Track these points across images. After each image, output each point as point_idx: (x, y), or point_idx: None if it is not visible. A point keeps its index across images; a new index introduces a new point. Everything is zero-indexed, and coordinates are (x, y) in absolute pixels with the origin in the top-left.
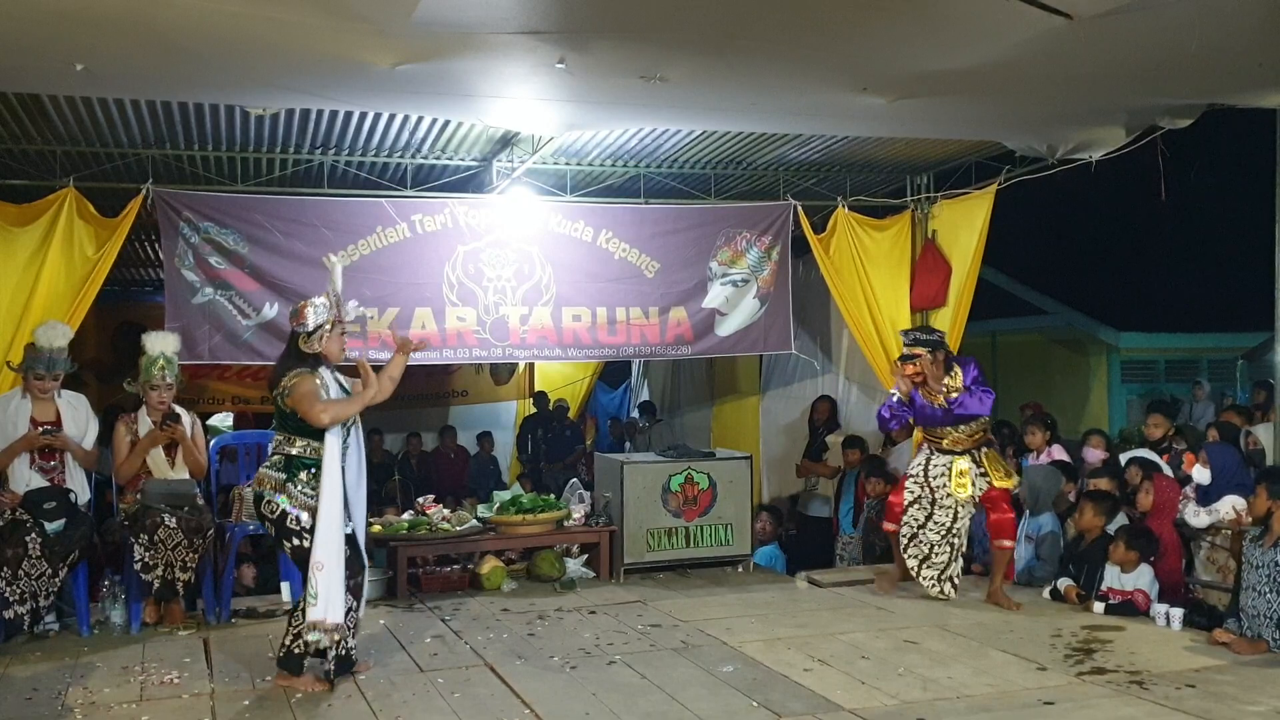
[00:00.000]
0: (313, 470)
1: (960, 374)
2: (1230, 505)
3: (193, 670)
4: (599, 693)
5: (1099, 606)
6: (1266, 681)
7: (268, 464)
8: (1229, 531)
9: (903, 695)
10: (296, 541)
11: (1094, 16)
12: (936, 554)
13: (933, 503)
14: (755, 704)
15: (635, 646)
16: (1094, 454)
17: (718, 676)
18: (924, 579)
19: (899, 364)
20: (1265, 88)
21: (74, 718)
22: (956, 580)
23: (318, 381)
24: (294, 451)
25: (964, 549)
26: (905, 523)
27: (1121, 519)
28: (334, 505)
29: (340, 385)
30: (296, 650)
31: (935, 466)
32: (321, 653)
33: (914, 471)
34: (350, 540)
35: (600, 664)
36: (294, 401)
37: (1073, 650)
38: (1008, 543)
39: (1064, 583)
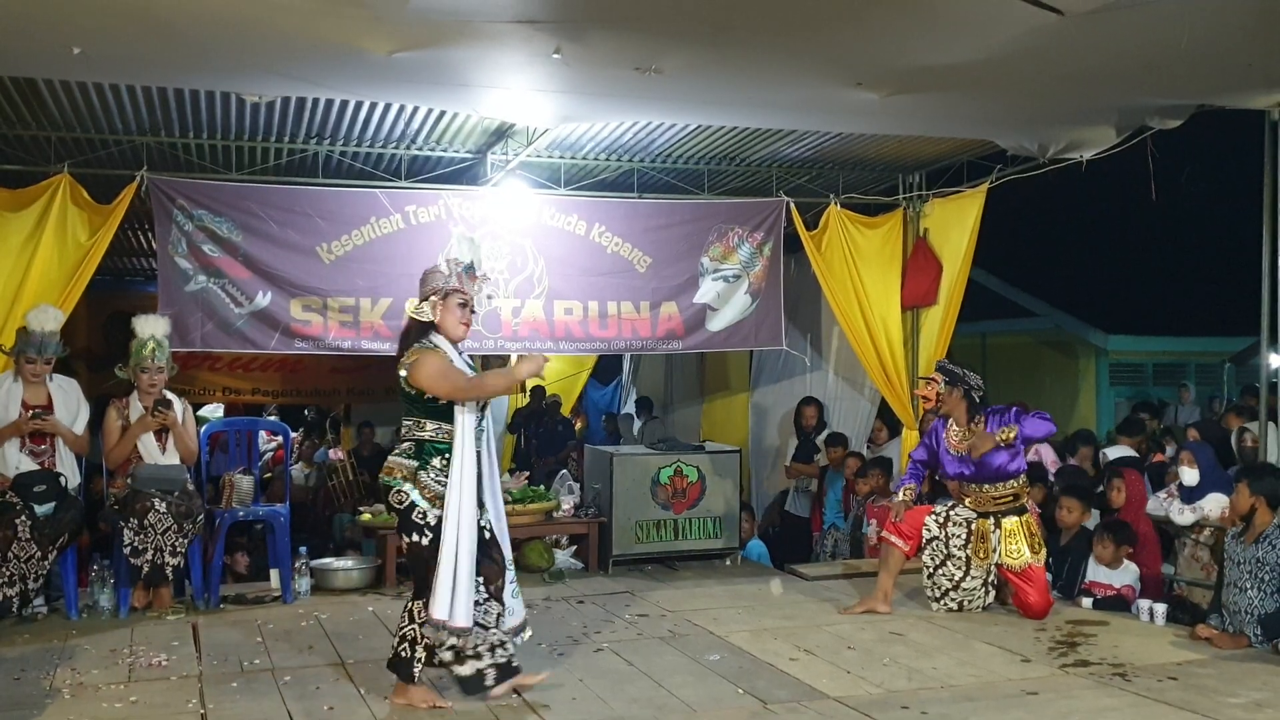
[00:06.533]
0: (446, 456)
1: (983, 426)
2: (1216, 503)
3: (181, 653)
4: (586, 678)
5: (1086, 601)
6: (1247, 675)
7: (397, 451)
8: (1212, 530)
9: (888, 685)
10: (416, 538)
11: (1084, 13)
12: (965, 590)
13: (946, 556)
14: (741, 691)
15: (623, 635)
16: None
17: (704, 665)
18: (934, 591)
19: (921, 382)
20: (1254, 89)
21: (62, 698)
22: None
23: (444, 354)
24: (425, 435)
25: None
26: (924, 563)
27: (1096, 516)
28: (467, 494)
29: (468, 365)
30: (404, 654)
31: (955, 520)
32: (452, 662)
33: (938, 510)
34: (489, 541)
35: (587, 651)
36: (420, 379)
37: (1056, 643)
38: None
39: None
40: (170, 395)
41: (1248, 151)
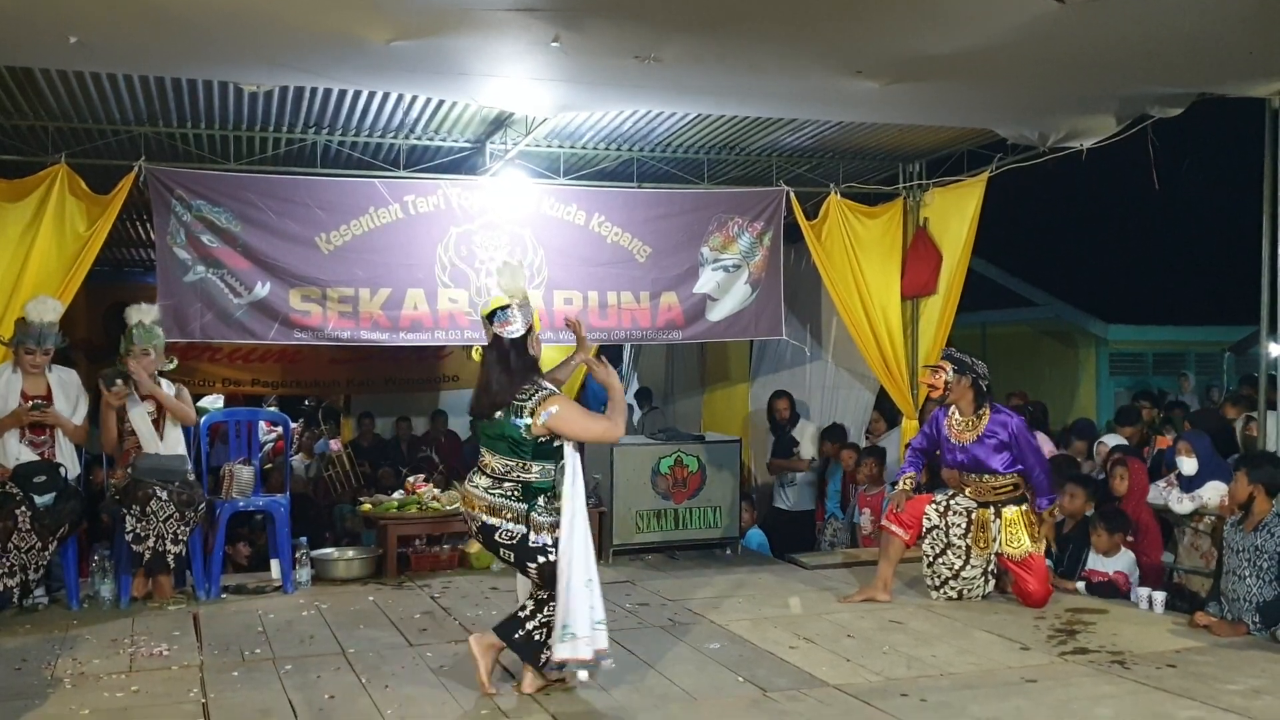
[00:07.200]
0: (549, 494)
1: (988, 417)
2: (1215, 491)
3: (182, 643)
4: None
5: (1080, 586)
6: (1245, 662)
7: (498, 492)
8: (1211, 518)
9: (887, 672)
10: (542, 560)
11: (1085, 1)
12: (965, 579)
13: (946, 545)
14: (741, 679)
15: (623, 624)
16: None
17: (705, 653)
18: (934, 579)
19: (926, 370)
20: (1255, 77)
21: (63, 687)
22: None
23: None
24: (533, 478)
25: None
26: (924, 552)
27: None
28: (585, 527)
29: None
30: (538, 637)
31: (955, 509)
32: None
33: (939, 499)
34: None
35: None
36: (563, 428)
37: (1056, 631)
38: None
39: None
40: (164, 381)
41: (1248, 140)
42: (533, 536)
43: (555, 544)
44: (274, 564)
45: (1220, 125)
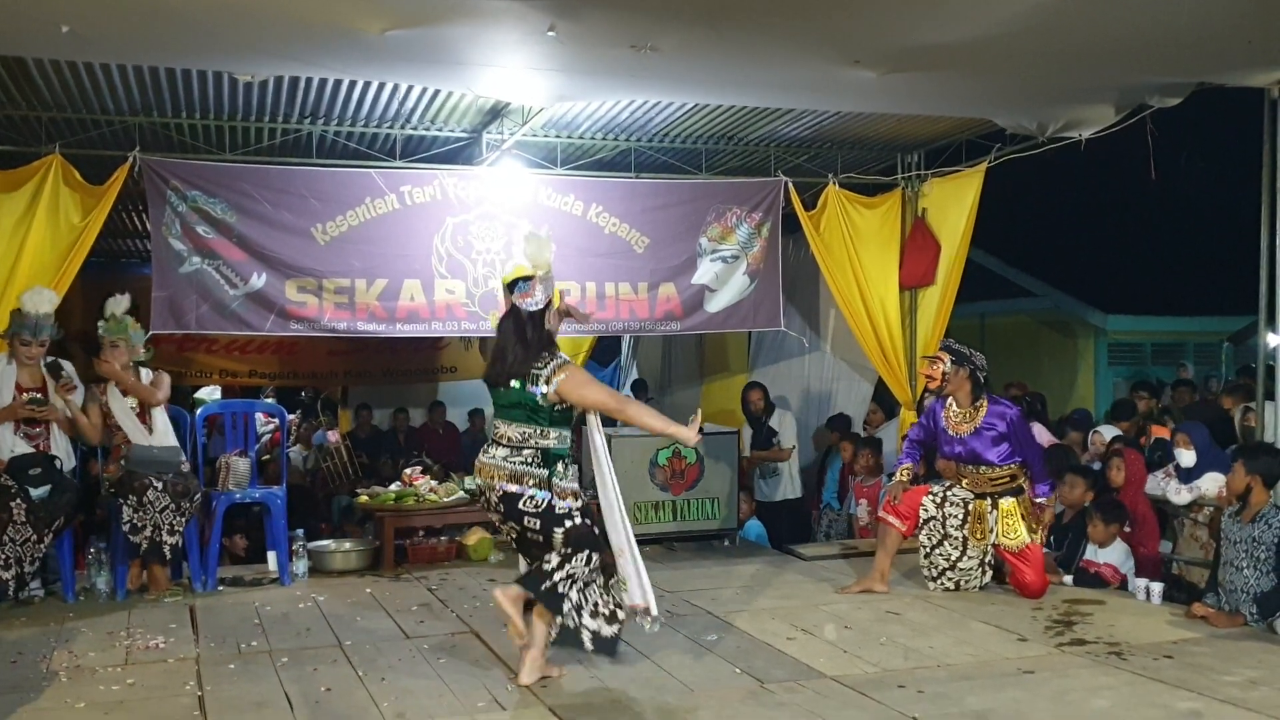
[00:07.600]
0: (566, 460)
1: (986, 408)
2: (1214, 482)
3: (178, 635)
4: (584, 659)
5: (1068, 578)
6: (1242, 653)
7: (519, 460)
8: (1210, 509)
9: (884, 664)
10: (569, 524)
11: None
12: (962, 570)
13: (943, 536)
14: (739, 671)
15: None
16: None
17: (703, 645)
18: (931, 570)
19: (925, 361)
20: (1254, 67)
21: (59, 680)
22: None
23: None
24: (550, 444)
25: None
26: (921, 543)
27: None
28: (613, 489)
29: None
30: (562, 589)
31: (952, 500)
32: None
33: (936, 490)
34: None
35: None
36: (572, 394)
37: (1053, 622)
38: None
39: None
40: (145, 371)
41: (1247, 130)
42: (558, 502)
43: (580, 509)
44: (271, 556)
45: (1219, 115)
